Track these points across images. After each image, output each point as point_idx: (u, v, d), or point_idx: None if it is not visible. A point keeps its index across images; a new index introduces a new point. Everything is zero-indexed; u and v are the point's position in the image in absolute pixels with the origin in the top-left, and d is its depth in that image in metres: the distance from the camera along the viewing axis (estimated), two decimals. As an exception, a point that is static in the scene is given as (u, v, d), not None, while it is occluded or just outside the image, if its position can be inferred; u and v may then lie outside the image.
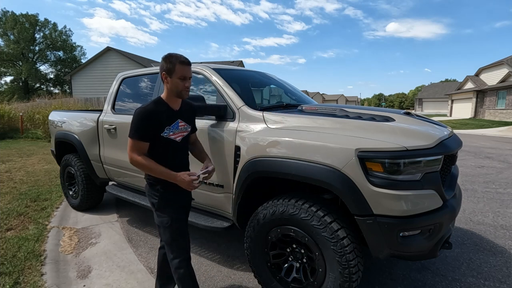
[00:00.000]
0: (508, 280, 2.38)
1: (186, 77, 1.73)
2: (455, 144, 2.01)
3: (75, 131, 3.76)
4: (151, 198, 1.85)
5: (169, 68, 1.70)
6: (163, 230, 1.84)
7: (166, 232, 1.82)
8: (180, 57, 1.72)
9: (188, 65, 1.74)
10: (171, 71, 1.70)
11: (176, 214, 1.84)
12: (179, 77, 1.71)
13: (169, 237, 1.81)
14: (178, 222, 1.84)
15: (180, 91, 1.74)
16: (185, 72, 1.72)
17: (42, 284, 2.32)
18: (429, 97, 44.70)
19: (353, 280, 1.78)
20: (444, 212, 1.77)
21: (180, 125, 1.83)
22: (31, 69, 38.20)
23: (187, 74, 1.74)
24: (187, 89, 1.76)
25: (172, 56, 1.72)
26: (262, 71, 3.46)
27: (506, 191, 4.70)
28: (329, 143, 1.81)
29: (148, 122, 1.69)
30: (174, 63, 1.70)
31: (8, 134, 11.77)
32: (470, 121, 22.72)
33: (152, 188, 1.84)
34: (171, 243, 1.82)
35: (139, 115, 1.69)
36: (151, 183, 1.84)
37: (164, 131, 1.75)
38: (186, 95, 1.79)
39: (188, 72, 1.74)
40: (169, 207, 1.83)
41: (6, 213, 3.66)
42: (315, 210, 1.83)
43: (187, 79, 1.74)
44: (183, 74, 1.71)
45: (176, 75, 1.70)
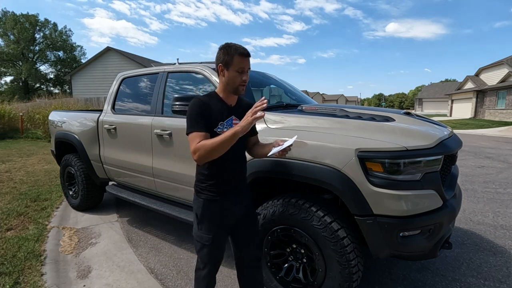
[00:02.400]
0: (508, 280, 2.37)
1: (245, 69, 1.56)
2: (455, 144, 2.01)
3: (75, 131, 3.76)
4: (195, 208, 1.66)
5: (226, 60, 1.54)
6: (198, 244, 1.65)
7: (200, 249, 1.65)
8: (240, 48, 1.56)
9: (248, 56, 1.57)
10: (228, 63, 1.54)
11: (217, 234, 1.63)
12: (237, 70, 1.54)
13: (202, 255, 1.66)
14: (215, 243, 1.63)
15: (237, 85, 1.57)
16: (244, 64, 1.55)
17: (42, 284, 2.32)
18: (429, 97, 44.70)
19: (353, 280, 1.78)
20: (444, 212, 1.77)
21: (235, 123, 1.62)
22: (31, 69, 38.18)
23: (246, 66, 1.57)
24: (244, 84, 1.58)
25: (230, 47, 1.55)
26: (262, 71, 3.46)
27: (506, 191, 4.70)
28: (329, 143, 1.81)
29: (203, 111, 1.53)
30: (232, 54, 1.53)
31: (8, 134, 11.77)
32: (470, 121, 22.72)
33: (197, 194, 1.65)
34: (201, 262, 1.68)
35: (192, 105, 1.54)
36: (197, 190, 1.65)
37: (218, 127, 1.56)
38: (243, 91, 1.60)
39: (247, 64, 1.57)
40: (212, 224, 1.62)
41: (6, 213, 3.66)
42: (315, 210, 1.83)
43: (245, 72, 1.57)
44: (242, 66, 1.54)
45: (234, 68, 1.54)
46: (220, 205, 1.62)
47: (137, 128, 3.00)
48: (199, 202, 1.63)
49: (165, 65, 9.09)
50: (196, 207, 1.65)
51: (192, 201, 1.70)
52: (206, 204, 1.62)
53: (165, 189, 2.85)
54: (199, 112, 1.52)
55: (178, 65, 3.07)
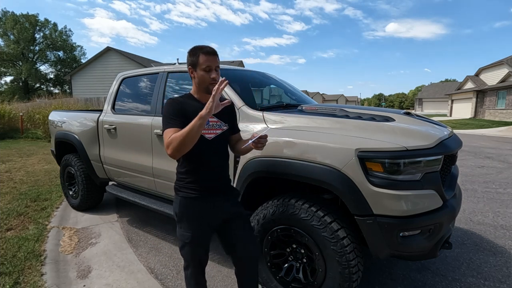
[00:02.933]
0: (508, 280, 2.38)
1: (212, 67, 1.56)
2: (455, 144, 2.01)
3: (75, 131, 3.76)
4: (174, 206, 1.66)
5: (192, 61, 1.57)
6: (180, 243, 1.64)
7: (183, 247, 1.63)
8: (204, 47, 1.58)
9: (212, 54, 1.58)
10: (195, 64, 1.57)
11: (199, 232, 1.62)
12: (204, 69, 1.55)
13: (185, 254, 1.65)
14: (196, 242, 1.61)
15: (207, 85, 1.57)
16: (210, 62, 1.56)
17: (42, 284, 2.32)
18: (429, 97, 44.70)
19: (353, 280, 1.78)
20: (444, 212, 1.77)
21: (211, 121, 1.62)
22: (31, 69, 38.19)
23: (213, 64, 1.57)
24: (214, 82, 1.55)
25: (196, 48, 1.58)
26: (262, 71, 3.46)
27: (506, 191, 4.70)
28: (329, 143, 1.81)
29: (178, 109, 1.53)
30: (197, 54, 1.56)
31: (8, 134, 11.77)
32: (470, 121, 22.72)
33: (176, 192, 1.65)
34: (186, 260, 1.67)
35: (170, 104, 1.55)
36: (176, 188, 1.65)
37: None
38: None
39: (214, 62, 1.57)
40: (193, 222, 1.61)
41: (6, 213, 3.66)
42: (315, 210, 1.83)
43: (213, 69, 1.57)
44: (208, 64, 1.55)
45: (201, 67, 1.55)
46: (200, 203, 1.61)
47: (137, 128, 3.00)
48: (177, 200, 1.64)
49: (165, 65, 9.03)
50: (175, 206, 1.66)
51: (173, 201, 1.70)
52: (183, 202, 1.62)
53: (165, 189, 2.85)
54: (175, 110, 1.53)
55: (178, 65, 3.07)
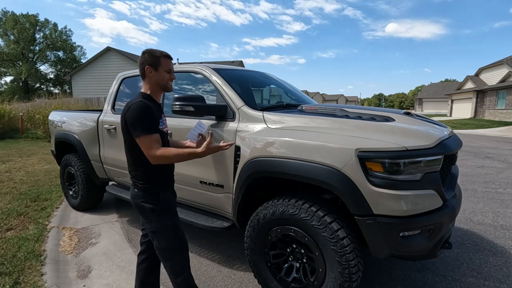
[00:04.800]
0: (508, 280, 2.38)
1: (171, 69, 1.79)
2: (455, 144, 2.01)
3: (75, 131, 3.76)
4: (147, 203, 1.72)
5: (153, 62, 1.73)
6: (163, 235, 1.76)
7: (169, 236, 1.76)
8: (162, 51, 1.78)
9: (171, 58, 1.81)
10: (156, 64, 1.73)
11: (176, 218, 1.85)
12: (166, 70, 1.75)
13: (172, 241, 1.77)
14: (179, 227, 1.84)
15: (165, 83, 1.77)
16: (170, 64, 1.79)
17: (42, 284, 2.32)
18: (429, 97, 44.71)
19: (353, 280, 1.78)
20: (444, 212, 1.77)
21: (164, 118, 1.85)
22: (31, 69, 38.15)
23: (171, 67, 1.80)
24: (171, 81, 1.82)
25: (155, 51, 1.76)
26: (262, 71, 3.47)
27: (506, 191, 4.70)
28: (329, 143, 1.81)
29: (151, 114, 1.67)
30: (158, 56, 1.74)
31: (8, 134, 11.76)
32: (470, 121, 22.72)
33: (148, 192, 1.73)
34: (173, 249, 1.78)
35: (142, 109, 1.63)
36: (148, 188, 1.73)
37: (160, 124, 1.76)
38: (171, 88, 1.83)
39: (172, 65, 1.81)
40: (170, 210, 1.80)
41: (6, 213, 3.66)
42: (315, 210, 1.83)
43: (172, 72, 1.79)
44: (169, 67, 1.77)
45: (163, 68, 1.74)
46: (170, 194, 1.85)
47: (137, 128, 2.99)
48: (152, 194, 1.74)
49: (165, 65, 8.83)
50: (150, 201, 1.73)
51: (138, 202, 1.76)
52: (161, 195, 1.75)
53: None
54: (149, 114, 1.66)
55: (178, 65, 3.07)
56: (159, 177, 1.77)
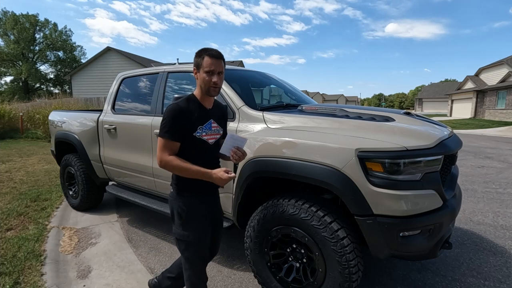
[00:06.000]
0: (508, 280, 2.37)
1: (214, 71, 1.55)
2: (455, 144, 2.01)
3: (75, 131, 3.76)
4: (176, 207, 1.66)
5: (197, 62, 1.58)
6: (185, 245, 1.65)
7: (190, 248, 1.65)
8: (210, 50, 1.58)
9: (217, 58, 1.56)
10: (199, 65, 1.57)
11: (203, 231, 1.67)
12: (206, 71, 1.55)
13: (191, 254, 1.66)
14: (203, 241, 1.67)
15: (207, 87, 1.57)
16: (213, 65, 1.55)
17: (42, 284, 2.32)
18: (429, 97, 44.69)
19: (353, 280, 1.78)
20: (444, 212, 1.77)
21: (213, 127, 1.67)
22: (31, 69, 38.14)
23: (216, 68, 1.55)
24: (215, 86, 1.57)
25: (202, 49, 1.58)
26: (262, 71, 3.46)
27: (506, 191, 4.70)
28: (329, 143, 1.81)
29: (180, 120, 1.55)
30: (203, 55, 1.56)
31: (8, 134, 11.76)
32: (470, 121, 22.71)
33: (178, 196, 1.66)
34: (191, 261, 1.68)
35: (171, 112, 1.54)
36: (178, 191, 1.66)
37: (197, 131, 1.60)
38: (215, 93, 1.60)
39: (217, 66, 1.56)
40: (196, 221, 1.65)
41: (6, 213, 3.66)
42: (315, 210, 1.83)
43: (215, 73, 1.56)
44: (210, 67, 1.54)
45: (204, 69, 1.55)
46: (202, 202, 1.67)
47: (137, 128, 3.00)
48: (181, 200, 1.65)
49: (165, 65, 9.01)
50: (176, 206, 1.66)
51: (170, 203, 1.70)
52: (189, 202, 1.64)
53: (165, 189, 2.85)
54: (175, 119, 1.54)
55: (178, 65, 3.07)
56: (187, 182, 1.62)
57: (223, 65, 1.60)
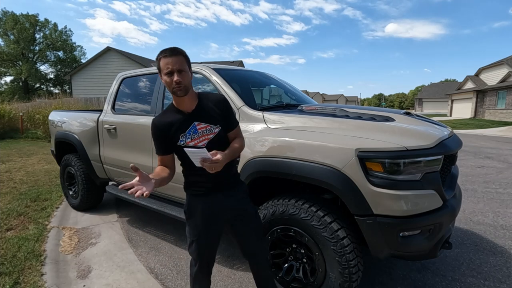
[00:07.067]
0: (508, 280, 2.37)
1: (173, 70, 1.42)
2: (455, 144, 2.01)
3: (75, 131, 3.76)
4: (185, 204, 1.68)
5: (157, 67, 1.50)
6: (188, 240, 1.65)
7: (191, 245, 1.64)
8: (164, 50, 1.46)
9: (170, 55, 1.43)
10: (160, 70, 1.48)
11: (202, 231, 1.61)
12: (165, 73, 1.44)
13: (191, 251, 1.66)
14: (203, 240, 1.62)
15: (172, 89, 1.45)
16: (169, 64, 1.42)
17: (42, 284, 2.32)
18: (429, 97, 44.68)
19: (353, 280, 1.78)
20: (444, 212, 1.77)
21: (199, 128, 1.53)
22: (31, 69, 38.13)
23: (173, 66, 1.42)
24: (179, 85, 1.42)
25: (159, 53, 1.47)
26: (262, 71, 3.46)
27: (506, 191, 4.70)
28: (329, 143, 1.81)
29: (158, 135, 1.54)
30: (159, 58, 1.46)
31: (8, 134, 11.76)
32: (470, 121, 22.71)
33: (186, 193, 1.67)
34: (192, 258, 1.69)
35: (151, 128, 1.55)
36: (184, 186, 1.67)
37: (180, 139, 1.52)
38: (181, 92, 1.45)
39: (174, 64, 1.42)
40: (196, 219, 1.61)
41: (6, 213, 3.66)
42: (315, 210, 1.83)
43: (174, 72, 1.42)
44: (167, 67, 1.42)
45: (163, 72, 1.45)
46: (206, 200, 1.60)
47: (137, 128, 3.00)
48: (187, 197, 1.67)
49: (165, 65, 8.75)
50: (185, 203, 1.68)
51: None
52: (191, 199, 1.64)
53: (165, 189, 2.85)
54: (156, 135, 1.56)
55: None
56: (189, 180, 1.63)
57: (184, 60, 1.46)
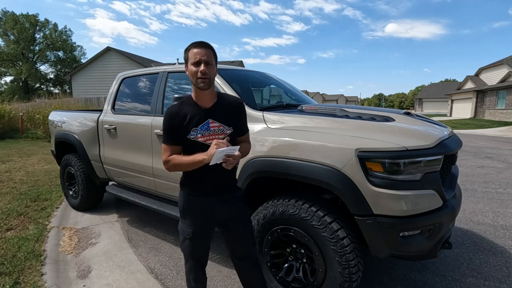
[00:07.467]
0: (508, 280, 2.38)
1: (200, 60, 1.44)
2: (455, 144, 2.01)
3: (75, 131, 3.76)
4: (179, 200, 1.69)
5: (185, 57, 1.51)
6: (181, 237, 1.67)
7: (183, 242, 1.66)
8: (195, 42, 1.50)
9: (201, 47, 1.46)
10: (187, 60, 1.50)
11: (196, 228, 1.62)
12: (192, 63, 1.45)
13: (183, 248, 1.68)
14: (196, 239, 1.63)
15: (195, 79, 1.46)
16: (198, 54, 1.44)
17: (42, 284, 2.32)
18: (429, 97, 44.70)
19: (353, 280, 1.78)
20: (444, 212, 1.77)
21: (212, 126, 1.52)
22: (31, 69, 38.14)
23: (201, 57, 1.44)
24: (203, 75, 1.44)
25: (189, 44, 1.51)
26: (262, 71, 3.46)
27: (506, 191, 4.70)
28: (329, 143, 1.81)
29: (172, 124, 1.52)
30: (188, 49, 1.49)
31: (8, 134, 11.77)
32: (470, 121, 22.72)
33: (181, 189, 1.67)
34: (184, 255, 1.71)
35: (164, 116, 1.54)
36: (181, 182, 1.67)
37: (191, 133, 1.51)
38: (203, 84, 1.46)
39: (203, 54, 1.44)
40: (190, 218, 1.63)
41: (6, 213, 3.66)
42: (315, 210, 1.83)
43: (201, 63, 1.44)
44: (195, 57, 1.44)
45: (190, 61, 1.47)
46: (202, 201, 1.61)
47: (137, 128, 3.00)
48: (181, 194, 1.67)
49: (165, 65, 9.01)
50: (179, 200, 1.69)
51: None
52: (187, 197, 1.64)
53: (165, 189, 2.85)
54: (168, 124, 1.53)
55: (178, 65, 3.07)
56: (187, 179, 1.63)
57: (212, 55, 1.49)
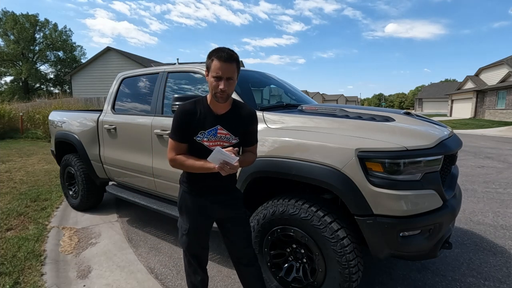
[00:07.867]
0: (508, 280, 2.37)
1: (222, 76, 1.42)
2: (455, 144, 2.01)
3: (75, 131, 3.76)
4: (178, 197, 1.72)
5: (207, 64, 1.47)
6: (179, 232, 1.72)
7: (181, 237, 1.71)
8: (221, 51, 1.42)
9: (226, 61, 1.41)
10: (208, 67, 1.46)
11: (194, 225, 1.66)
12: (213, 76, 1.43)
13: (181, 242, 1.72)
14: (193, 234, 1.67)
15: (214, 93, 1.45)
16: (220, 70, 1.41)
17: (42, 284, 2.32)
18: (429, 97, 44.70)
19: (353, 280, 1.78)
20: (444, 212, 1.77)
21: (220, 133, 1.53)
22: (31, 69, 38.15)
23: (224, 73, 1.41)
24: (222, 93, 1.43)
25: (214, 50, 1.45)
26: (262, 71, 3.46)
27: (506, 191, 4.70)
28: (329, 143, 1.81)
29: (183, 122, 1.51)
30: (212, 57, 1.43)
31: (8, 134, 11.77)
32: (470, 121, 22.72)
33: (180, 185, 1.71)
34: (183, 249, 1.76)
35: (176, 113, 1.53)
36: (180, 179, 1.70)
37: (198, 135, 1.52)
38: (222, 100, 1.46)
39: (226, 71, 1.41)
40: (189, 215, 1.67)
41: (6, 213, 3.66)
42: (315, 210, 1.83)
43: (223, 79, 1.42)
44: (217, 72, 1.41)
45: (212, 73, 1.44)
46: (199, 199, 1.65)
47: (137, 128, 3.00)
48: (180, 191, 1.72)
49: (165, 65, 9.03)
50: (178, 197, 1.74)
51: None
52: (184, 195, 1.68)
53: (165, 189, 2.85)
54: (179, 121, 1.53)
55: (178, 65, 3.07)
56: (187, 177, 1.65)
57: (235, 68, 1.46)
